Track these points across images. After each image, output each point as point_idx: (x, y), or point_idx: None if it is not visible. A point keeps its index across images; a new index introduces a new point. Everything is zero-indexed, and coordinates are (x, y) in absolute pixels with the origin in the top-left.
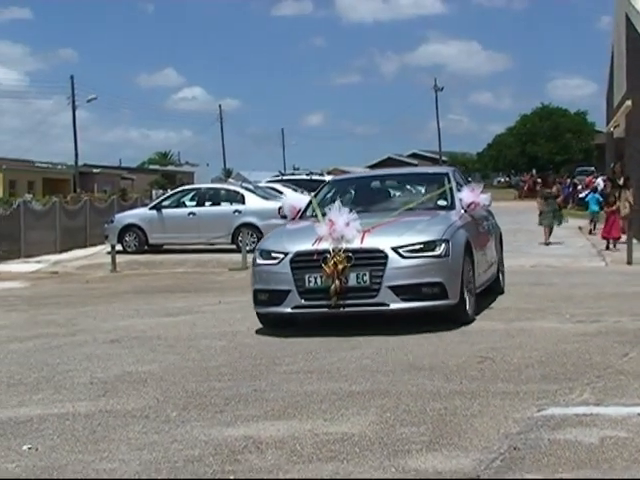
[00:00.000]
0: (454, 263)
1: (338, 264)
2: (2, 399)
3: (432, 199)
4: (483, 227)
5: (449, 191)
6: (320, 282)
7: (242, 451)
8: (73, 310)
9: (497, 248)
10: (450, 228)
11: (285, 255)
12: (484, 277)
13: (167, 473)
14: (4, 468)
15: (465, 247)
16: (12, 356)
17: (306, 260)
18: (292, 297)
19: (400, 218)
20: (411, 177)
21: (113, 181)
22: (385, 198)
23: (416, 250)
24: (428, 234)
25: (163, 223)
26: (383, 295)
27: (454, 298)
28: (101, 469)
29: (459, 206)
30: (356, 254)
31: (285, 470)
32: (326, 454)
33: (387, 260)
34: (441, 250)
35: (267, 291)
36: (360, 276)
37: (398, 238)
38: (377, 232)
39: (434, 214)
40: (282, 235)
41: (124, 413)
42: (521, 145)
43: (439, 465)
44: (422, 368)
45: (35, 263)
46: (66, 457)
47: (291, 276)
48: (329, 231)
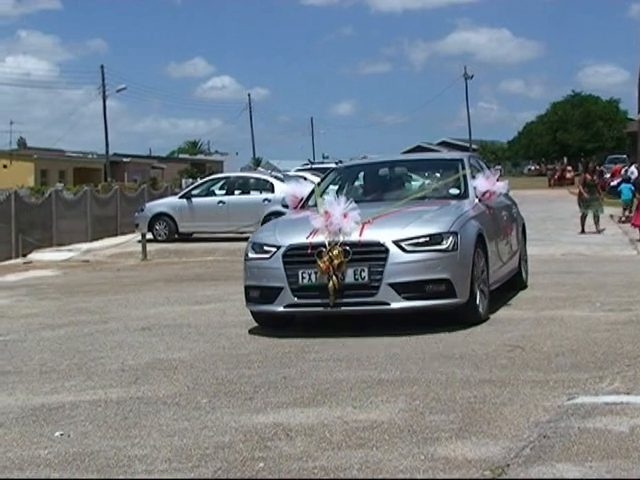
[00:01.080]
0: (463, 258)
1: (334, 259)
2: (35, 386)
3: (443, 187)
4: (501, 217)
5: (462, 179)
6: (315, 279)
7: (272, 438)
8: (104, 298)
9: (519, 240)
10: (460, 219)
11: (277, 249)
12: (501, 272)
13: (198, 459)
14: (37, 454)
15: (476, 240)
16: (44, 343)
17: (300, 255)
18: (284, 295)
19: (405, 208)
20: (423, 163)
21: (143, 170)
22: (394, 186)
23: (420, 244)
24: (434, 226)
25: (193, 212)
26: (383, 293)
27: (463, 296)
28: (133, 455)
29: (473, 195)
30: (354, 248)
31: (314, 457)
32: (355, 441)
33: (388, 255)
34: (448, 244)
35: (258, 288)
36: (358, 272)
37: (401, 230)
38: (378, 224)
39: (444, 204)
40: (276, 227)
41: (155, 400)
42: (552, 133)
43: (468, 453)
44: (451, 357)
45: (66, 252)
46: (98, 443)
47: (283, 272)
48: (325, 223)
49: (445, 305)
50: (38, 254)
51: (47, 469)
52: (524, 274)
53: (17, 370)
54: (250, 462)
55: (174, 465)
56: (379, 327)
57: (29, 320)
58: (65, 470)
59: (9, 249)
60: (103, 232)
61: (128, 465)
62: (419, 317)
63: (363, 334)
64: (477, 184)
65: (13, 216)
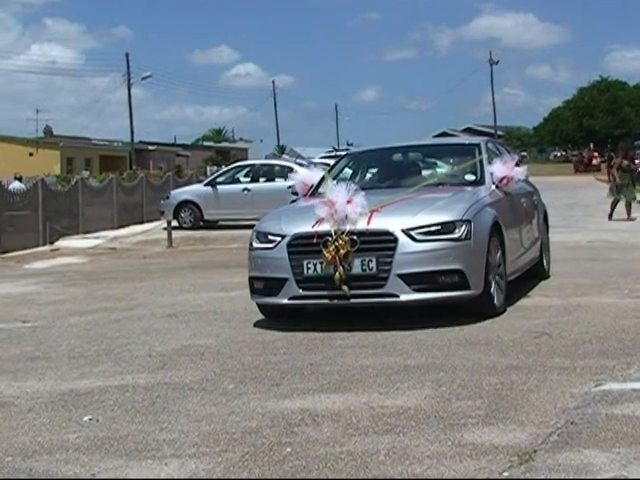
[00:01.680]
0: (477, 247)
1: (340, 249)
2: (63, 371)
3: (458, 173)
4: (520, 204)
5: (479, 164)
6: (320, 269)
7: (298, 423)
8: (131, 285)
9: (540, 228)
10: (474, 206)
11: (282, 238)
12: (520, 262)
13: (225, 444)
14: (66, 439)
15: (492, 228)
16: (72, 330)
17: (305, 244)
18: (289, 286)
19: (417, 195)
20: (439, 149)
21: (168, 158)
22: (408, 172)
23: (431, 232)
24: (446, 213)
25: (218, 199)
26: (392, 285)
27: (477, 288)
28: (161, 439)
29: (489, 181)
30: (361, 237)
31: (341, 443)
32: (382, 427)
33: (397, 244)
34: (461, 232)
35: (263, 279)
36: (365, 263)
37: (411, 218)
38: (387, 212)
39: (458, 190)
40: (281, 215)
41: (182, 385)
42: (578, 119)
43: (495, 439)
44: (477, 343)
45: (93, 239)
46: (126, 428)
47: (288, 262)
48: (330, 212)
49: (458, 297)
50: (65, 241)
51: (76, 453)
52: (546, 263)
53: (46, 356)
54: (277, 447)
55: (202, 449)
56: (403, 314)
57: (57, 307)
58: (94, 454)
59: (37, 236)
60: (129, 220)
61: (157, 449)
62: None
63: (387, 321)
64: (494, 170)
65: (40, 204)
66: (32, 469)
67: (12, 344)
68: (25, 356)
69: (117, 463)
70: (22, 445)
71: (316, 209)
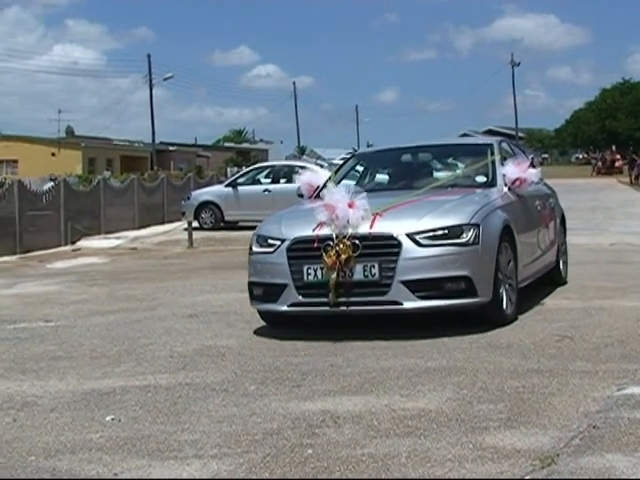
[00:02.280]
0: (485, 252)
1: (341, 254)
2: (86, 371)
3: (469, 174)
4: (534, 207)
5: (490, 165)
6: (321, 275)
7: (320, 425)
8: (152, 285)
9: (556, 232)
10: (483, 210)
11: (282, 242)
12: (533, 267)
13: (247, 445)
14: (88, 438)
15: (502, 232)
16: (94, 329)
17: (305, 248)
18: (289, 293)
19: (424, 198)
20: (450, 149)
21: (189, 159)
22: (417, 174)
23: (437, 237)
24: (453, 217)
25: (239, 200)
26: (395, 292)
27: (485, 295)
28: (183, 440)
29: (501, 183)
30: (364, 242)
31: (362, 445)
32: (403, 429)
33: (400, 249)
34: (469, 237)
35: (262, 284)
36: (368, 268)
37: (416, 222)
38: (391, 215)
39: (468, 192)
40: (282, 218)
41: (204, 386)
42: (600, 121)
43: (517, 443)
44: (499, 346)
45: (114, 239)
46: (149, 428)
47: (288, 267)
48: (331, 216)
49: (465, 305)
50: (86, 241)
51: (99, 453)
52: (563, 269)
53: (68, 355)
54: (299, 449)
55: (224, 450)
56: (423, 317)
57: (79, 306)
58: (117, 454)
59: (58, 236)
60: (150, 220)
61: (179, 450)
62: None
63: (410, 323)
64: (507, 171)
65: (62, 204)
66: (55, 468)
67: (34, 343)
68: (48, 355)
69: (139, 463)
70: (45, 444)
71: (316, 213)
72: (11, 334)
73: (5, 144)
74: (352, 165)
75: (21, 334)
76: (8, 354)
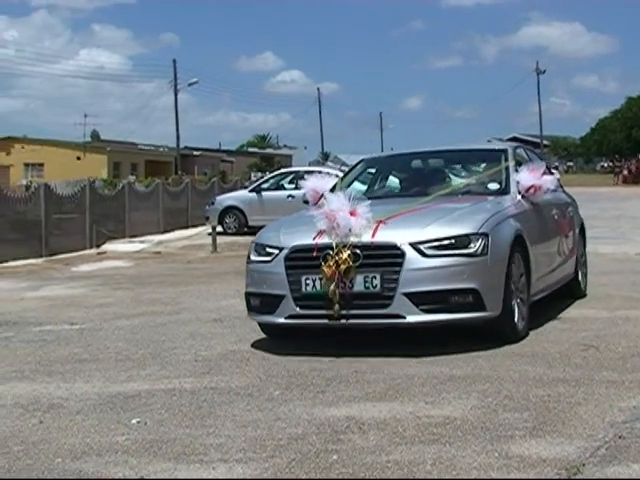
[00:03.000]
0: (495, 264)
1: (341, 263)
2: (111, 374)
3: (480, 181)
4: (550, 216)
5: (504, 172)
6: (319, 286)
7: (345, 431)
8: (176, 289)
9: (575, 242)
10: (493, 218)
11: (280, 251)
12: (549, 280)
13: (272, 450)
14: (114, 441)
15: (514, 243)
16: (119, 332)
17: (304, 258)
18: (286, 304)
19: (431, 206)
20: (462, 155)
21: (213, 163)
22: (428, 180)
23: (443, 247)
24: (460, 226)
25: (262, 205)
26: (398, 304)
27: (494, 310)
28: (208, 444)
29: (515, 190)
30: (365, 251)
31: (388, 451)
32: (428, 437)
33: (404, 259)
34: (477, 247)
35: (259, 295)
36: (369, 279)
37: (420, 231)
38: (394, 223)
39: (478, 200)
40: (281, 225)
41: (228, 390)
42: (626, 129)
43: (543, 452)
44: (523, 355)
45: (139, 243)
46: (174, 431)
47: (285, 277)
48: (331, 224)
49: (472, 319)
50: (111, 245)
51: (125, 455)
52: (582, 281)
53: (93, 358)
54: (324, 454)
55: (249, 455)
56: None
57: (104, 309)
58: (143, 456)
59: (83, 239)
60: (174, 224)
61: (204, 453)
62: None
63: (435, 330)
64: (521, 178)
65: (88, 207)
66: (81, 470)
67: (60, 346)
68: (73, 358)
69: (165, 466)
70: (71, 446)
71: (316, 220)
72: (37, 336)
73: (31, 148)
74: (360, 171)
75: (47, 336)
76: (34, 356)
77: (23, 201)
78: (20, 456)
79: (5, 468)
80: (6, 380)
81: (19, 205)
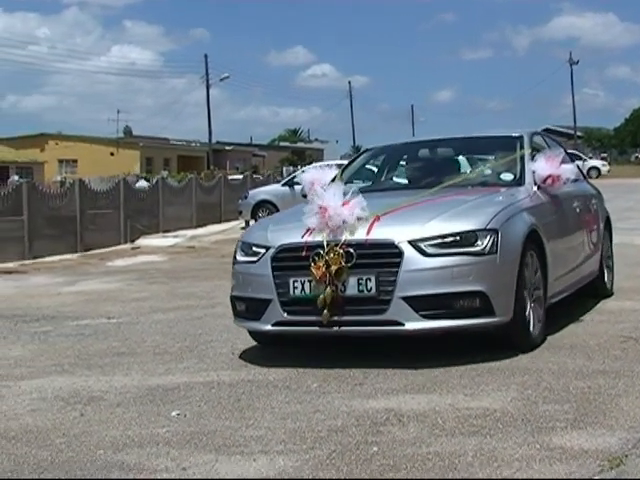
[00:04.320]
0: (505, 263)
1: (331, 264)
2: (149, 367)
3: (493, 171)
4: (571, 209)
5: (519, 160)
6: (309, 289)
7: (384, 423)
8: (210, 283)
9: (600, 237)
10: (504, 212)
11: (266, 250)
12: (569, 279)
13: (312, 442)
14: (155, 433)
15: (527, 239)
16: (156, 326)
17: (292, 258)
18: (273, 309)
19: (436, 199)
20: (475, 142)
21: (245, 158)
22: (436, 171)
23: (446, 244)
24: (466, 221)
25: (295, 199)
26: (395, 310)
27: (504, 314)
28: (248, 436)
29: (530, 181)
30: (359, 250)
31: (428, 443)
32: (468, 428)
33: (402, 259)
34: (484, 244)
35: (244, 299)
36: (363, 282)
37: (420, 227)
38: (392, 218)
39: (489, 192)
40: (269, 222)
41: (266, 383)
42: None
43: (585, 443)
44: (562, 347)
45: (172, 238)
46: (214, 423)
47: (272, 280)
48: (322, 221)
49: (479, 326)
50: (145, 240)
51: (166, 447)
52: (607, 279)
53: (131, 352)
54: (364, 446)
55: (289, 446)
56: None
57: (140, 303)
58: (184, 448)
59: (118, 235)
60: (207, 219)
61: (244, 445)
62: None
63: None
64: (537, 167)
65: (122, 203)
66: (123, 462)
67: (98, 340)
68: (111, 351)
69: (207, 458)
70: (113, 438)
71: (305, 217)
72: (75, 330)
73: (65, 144)
74: (362, 162)
75: (84, 330)
76: (73, 350)
77: (58, 197)
78: (62, 448)
79: (48, 460)
80: (46, 374)
81: (55, 201)
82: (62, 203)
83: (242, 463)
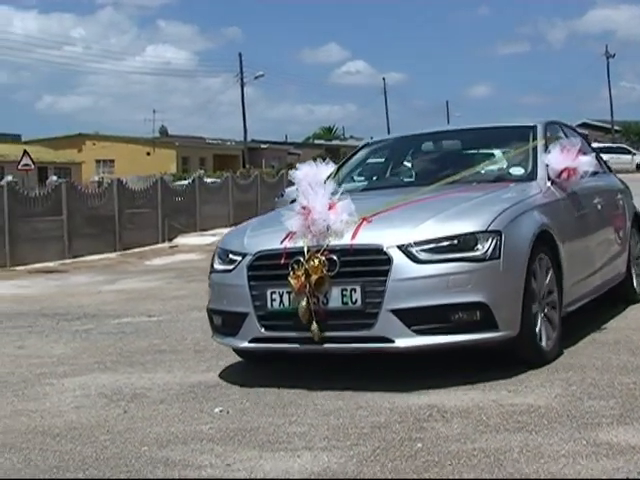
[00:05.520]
0: (510, 269)
1: (311, 273)
2: (191, 364)
3: (501, 165)
4: (591, 207)
5: (531, 153)
6: (288, 302)
7: (427, 419)
8: None
9: (626, 236)
10: (509, 211)
11: (243, 258)
12: (589, 284)
13: (355, 438)
14: (199, 430)
15: (537, 241)
16: (196, 324)
17: (270, 266)
18: (250, 324)
19: (431, 197)
20: (483, 134)
21: (280, 156)
22: (439, 166)
23: (442, 249)
24: (465, 222)
25: None
26: (384, 324)
27: (509, 328)
28: (292, 432)
29: (543, 175)
30: (343, 257)
31: (473, 439)
32: (513, 425)
33: (390, 266)
34: (485, 248)
35: (220, 312)
36: (347, 293)
37: (412, 230)
38: (382, 221)
39: (495, 188)
40: (248, 227)
41: (307, 379)
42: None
43: (631, 439)
44: (605, 342)
45: (210, 236)
46: (257, 420)
47: (248, 291)
48: (305, 223)
49: (481, 341)
50: (183, 238)
51: (210, 444)
52: (636, 282)
53: (172, 349)
54: (408, 442)
55: (333, 443)
56: None
57: (179, 301)
58: (227, 445)
59: (156, 233)
60: (244, 217)
61: (288, 442)
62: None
63: None
64: (551, 160)
65: (159, 202)
66: (168, 458)
67: (139, 337)
68: (153, 349)
69: (251, 454)
70: (157, 435)
71: (286, 220)
72: (116, 328)
73: (102, 144)
74: (361, 158)
75: (125, 328)
76: (114, 348)
77: (97, 197)
78: (107, 445)
79: (93, 457)
80: (89, 371)
81: (93, 201)
82: (100, 203)
83: (286, 459)
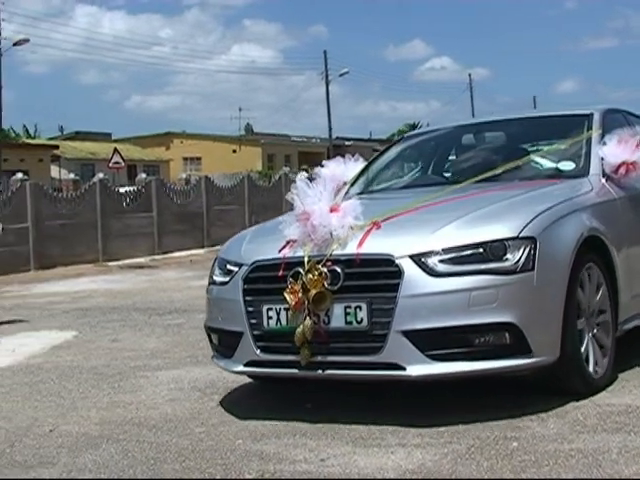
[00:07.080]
0: (546, 284)
1: (310, 287)
2: None
3: (548, 159)
4: None
5: (583, 145)
6: (285, 320)
7: (522, 418)
8: None
9: None
10: (548, 213)
11: (239, 268)
12: None
13: (449, 436)
14: (292, 424)
15: (582, 249)
16: None
17: (267, 278)
18: (245, 345)
19: (457, 197)
20: (531, 124)
21: (364, 153)
22: (481, 161)
23: (463, 259)
24: (492, 226)
25: None
26: (394, 348)
27: (546, 353)
28: (384, 429)
29: (598, 170)
30: (347, 268)
31: (569, 440)
32: (611, 425)
33: (401, 280)
34: (515, 259)
35: (217, 331)
36: (352, 311)
37: (428, 236)
38: (394, 226)
39: (537, 186)
40: (248, 233)
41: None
42: None
43: None
44: None
45: None
46: (349, 416)
47: (243, 307)
48: (305, 230)
49: (510, 369)
50: None
51: (303, 438)
52: None
53: None
54: (503, 441)
55: (426, 440)
56: None
57: None
58: (321, 439)
59: (244, 230)
60: None
61: (381, 438)
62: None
63: None
64: (606, 153)
65: (247, 199)
66: (262, 452)
67: None
68: None
69: (344, 450)
70: (250, 429)
71: (284, 226)
72: None
73: (189, 142)
74: (396, 153)
75: None
76: (205, 342)
77: (185, 194)
78: (202, 437)
79: (189, 449)
80: (182, 365)
81: (182, 198)
82: (189, 200)
83: (380, 455)
